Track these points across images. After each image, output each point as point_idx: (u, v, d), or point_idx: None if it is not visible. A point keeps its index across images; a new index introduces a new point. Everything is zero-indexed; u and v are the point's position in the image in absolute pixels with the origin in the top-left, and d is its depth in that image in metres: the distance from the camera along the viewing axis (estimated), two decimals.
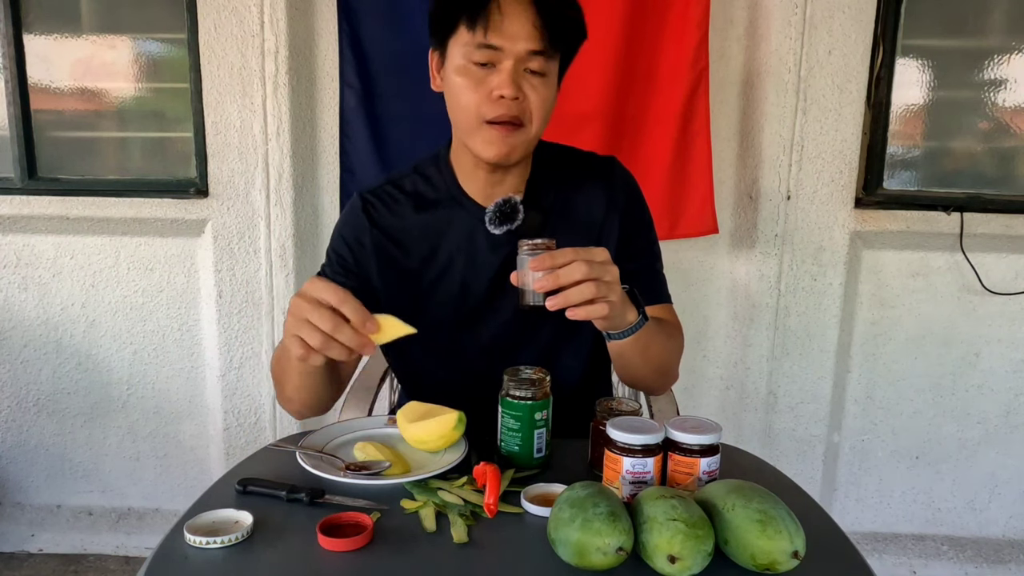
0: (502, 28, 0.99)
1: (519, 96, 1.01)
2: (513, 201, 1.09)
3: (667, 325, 1.14)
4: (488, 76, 1.01)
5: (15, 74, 2.13)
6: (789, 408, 2.22)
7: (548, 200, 1.15)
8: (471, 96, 1.02)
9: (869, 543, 2.27)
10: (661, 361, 1.09)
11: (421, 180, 1.17)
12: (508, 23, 0.99)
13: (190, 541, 0.78)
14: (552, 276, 0.86)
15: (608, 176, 1.18)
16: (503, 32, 0.99)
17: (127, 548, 2.31)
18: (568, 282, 0.85)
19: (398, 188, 1.17)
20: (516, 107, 1.01)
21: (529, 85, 1.02)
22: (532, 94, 1.02)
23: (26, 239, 2.21)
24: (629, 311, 0.95)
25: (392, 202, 1.16)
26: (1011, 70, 2.06)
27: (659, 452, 0.86)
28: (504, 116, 1.01)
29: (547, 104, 1.05)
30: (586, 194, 1.16)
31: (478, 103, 1.02)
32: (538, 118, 1.04)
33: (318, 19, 2.08)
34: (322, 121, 2.14)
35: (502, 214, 1.09)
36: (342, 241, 1.17)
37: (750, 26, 2.07)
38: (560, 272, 0.85)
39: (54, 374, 2.30)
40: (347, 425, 1.10)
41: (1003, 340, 2.17)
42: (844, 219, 2.10)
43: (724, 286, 2.19)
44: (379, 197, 1.17)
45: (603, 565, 0.72)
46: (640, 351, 1.02)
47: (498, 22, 0.99)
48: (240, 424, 2.28)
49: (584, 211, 1.16)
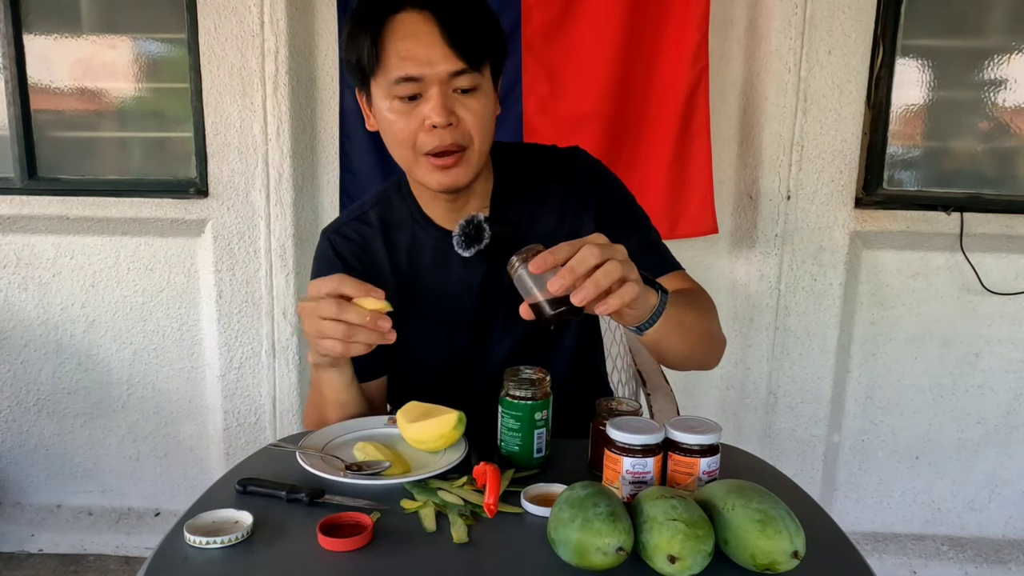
0: (414, 58, 0.94)
1: (452, 121, 0.97)
2: (477, 220, 1.06)
3: (690, 292, 1.08)
4: (417, 107, 0.97)
5: (15, 74, 2.13)
6: (789, 408, 2.22)
7: (514, 213, 1.12)
8: (404, 130, 0.99)
9: (869, 543, 2.27)
10: (701, 330, 1.02)
11: (385, 209, 1.15)
12: (418, 51, 0.94)
13: (190, 541, 0.78)
14: (566, 271, 0.78)
15: (571, 172, 1.14)
16: (417, 60, 0.94)
17: (127, 548, 2.31)
18: (585, 269, 0.77)
19: (363, 222, 1.15)
20: (452, 134, 0.97)
21: (462, 106, 0.98)
22: (467, 114, 0.98)
23: (26, 239, 2.21)
24: (649, 293, 0.88)
25: (359, 237, 1.14)
26: (1011, 70, 2.06)
27: (659, 452, 0.86)
28: (441, 147, 0.98)
29: (486, 118, 1.00)
30: (553, 199, 1.13)
31: (410, 137, 0.99)
32: (479, 136, 1.00)
33: (318, 19, 2.08)
34: (322, 121, 2.14)
35: (467, 236, 1.06)
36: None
37: (750, 26, 2.07)
38: (573, 263, 0.77)
39: (54, 374, 2.30)
40: (347, 425, 1.10)
41: (1003, 340, 2.17)
42: (844, 219, 2.10)
43: (724, 286, 2.19)
44: (345, 236, 1.14)
45: (603, 565, 0.72)
46: (675, 329, 0.93)
47: (408, 54, 0.94)
48: (240, 424, 2.28)
49: (554, 219, 1.13)
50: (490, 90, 1.02)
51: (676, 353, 1.01)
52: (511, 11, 1.97)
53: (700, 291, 1.12)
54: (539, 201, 1.13)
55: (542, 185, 1.14)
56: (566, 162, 1.15)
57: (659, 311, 0.89)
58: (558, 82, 2.00)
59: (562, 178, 1.14)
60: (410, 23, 0.95)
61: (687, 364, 1.07)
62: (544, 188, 1.13)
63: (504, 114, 2.01)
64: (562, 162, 1.16)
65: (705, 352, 1.07)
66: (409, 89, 0.96)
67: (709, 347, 1.07)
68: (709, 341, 1.06)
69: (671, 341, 0.96)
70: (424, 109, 0.97)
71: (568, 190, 1.13)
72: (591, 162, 1.17)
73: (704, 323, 1.04)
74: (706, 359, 1.09)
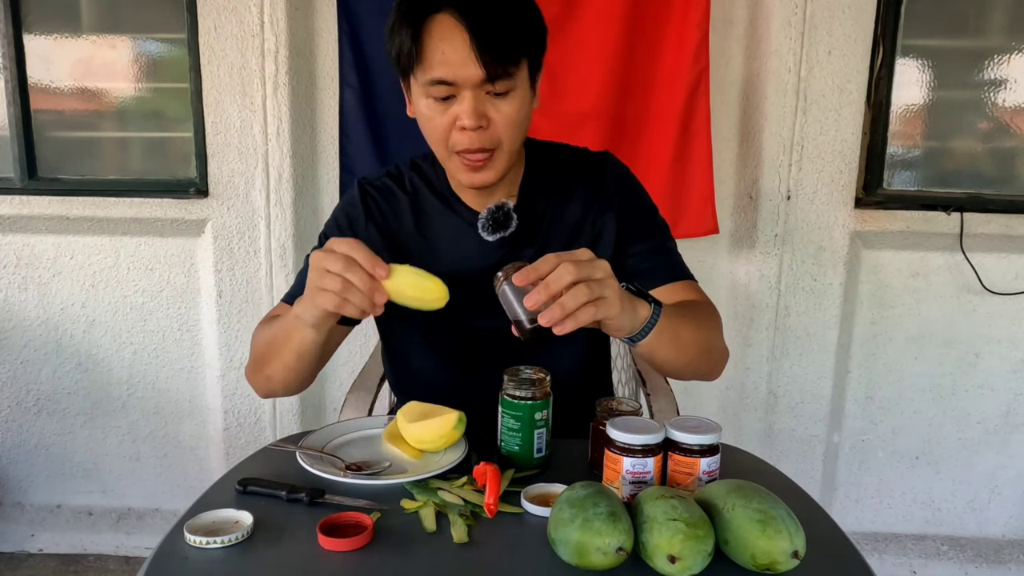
0: (447, 63, 0.95)
1: (483, 123, 0.99)
2: (506, 207, 1.08)
3: (693, 305, 1.08)
4: (451, 107, 0.99)
5: (15, 74, 2.13)
6: (789, 408, 2.22)
7: (541, 206, 1.14)
8: (437, 127, 1.01)
9: (869, 543, 2.27)
10: (700, 344, 1.02)
11: (418, 178, 1.17)
12: (452, 56, 0.95)
13: (190, 541, 0.78)
14: (541, 287, 0.81)
15: (600, 173, 1.17)
16: (450, 66, 0.96)
17: (127, 548, 2.31)
18: (559, 287, 0.80)
19: (397, 183, 1.18)
20: (481, 137, 0.99)
21: (494, 108, 0.99)
22: (498, 117, 1.00)
23: (26, 239, 2.21)
24: (639, 306, 0.90)
25: (391, 196, 1.17)
26: (1011, 70, 2.06)
27: (659, 452, 0.86)
28: (471, 148, 1.00)
29: (517, 120, 1.02)
30: (579, 196, 1.15)
31: (444, 133, 1.01)
32: (509, 137, 1.02)
33: (318, 19, 2.08)
34: (322, 121, 2.14)
35: (495, 221, 1.08)
36: (335, 227, 1.17)
37: (750, 26, 2.07)
38: (548, 280, 0.80)
39: (54, 374, 2.30)
40: (347, 425, 1.10)
41: (1003, 340, 2.17)
42: (844, 219, 2.10)
43: (724, 286, 2.19)
44: (378, 190, 1.18)
45: (603, 565, 0.72)
46: (671, 341, 0.95)
47: (442, 58, 0.95)
48: (240, 424, 2.28)
49: (578, 214, 1.15)
50: (525, 89, 1.03)
51: (671, 365, 1.02)
52: None
53: (706, 304, 1.13)
54: (566, 196, 1.15)
55: (570, 182, 1.16)
56: (596, 163, 1.18)
57: (651, 323, 0.90)
58: (558, 82, 2.00)
59: (590, 178, 1.16)
60: (447, 26, 0.95)
61: (684, 375, 1.08)
62: (572, 185, 1.16)
63: None
64: (592, 163, 1.19)
65: (703, 365, 1.07)
66: (443, 91, 0.98)
67: (707, 360, 1.07)
68: (707, 355, 1.06)
69: (666, 353, 0.97)
70: (457, 110, 0.99)
71: (594, 190, 1.15)
72: (619, 166, 1.20)
73: (703, 337, 1.04)
74: (705, 371, 1.09)
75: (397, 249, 1.15)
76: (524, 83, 1.02)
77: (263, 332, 1.09)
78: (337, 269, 0.86)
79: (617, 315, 0.85)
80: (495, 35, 0.95)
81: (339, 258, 0.86)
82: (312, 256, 0.90)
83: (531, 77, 1.04)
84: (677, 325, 0.96)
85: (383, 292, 0.87)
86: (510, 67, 0.97)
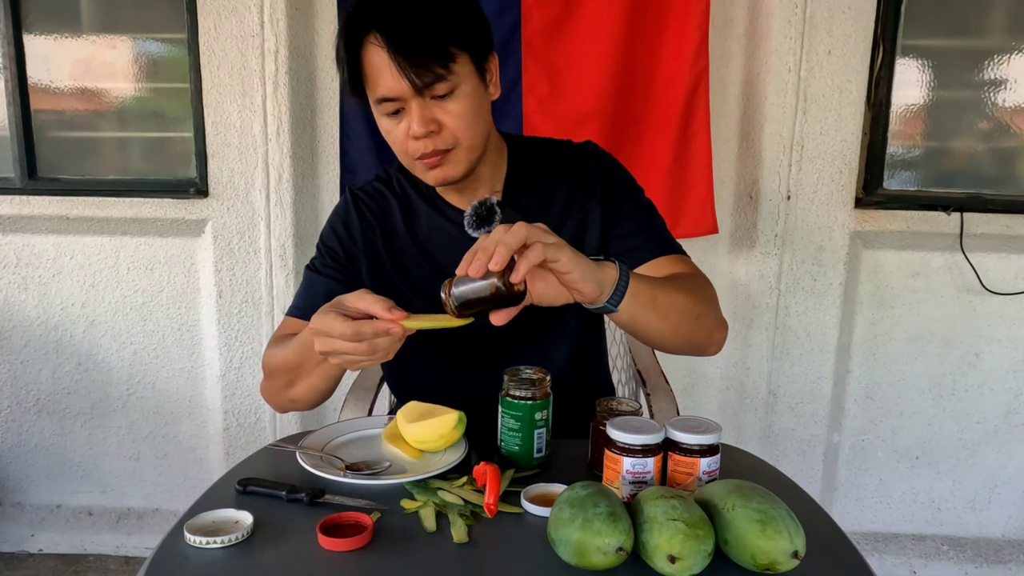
0: (379, 82, 0.98)
1: (433, 128, 1.01)
2: (490, 202, 1.09)
3: (682, 275, 1.07)
4: (402, 120, 1.02)
5: (15, 74, 2.13)
6: (789, 408, 2.22)
7: (524, 200, 1.16)
8: (396, 139, 1.04)
9: (869, 543, 2.27)
10: (683, 308, 0.98)
11: (406, 181, 1.19)
12: (385, 74, 0.98)
13: (190, 541, 0.78)
14: (477, 247, 0.79)
15: (581, 162, 1.18)
16: (384, 84, 0.98)
17: (127, 548, 2.31)
18: (493, 243, 0.78)
19: (387, 187, 1.20)
20: (436, 141, 1.02)
21: (442, 111, 1.01)
22: (447, 118, 1.01)
23: (26, 239, 2.21)
24: (605, 267, 0.87)
25: (382, 200, 1.19)
26: (1011, 70, 2.06)
27: (659, 452, 0.86)
28: (426, 153, 1.02)
29: (469, 116, 1.02)
30: (563, 187, 1.16)
31: (403, 144, 1.04)
32: (465, 134, 1.03)
33: (318, 19, 2.09)
34: (322, 121, 2.14)
35: (478, 216, 1.09)
36: (333, 235, 1.19)
37: (750, 26, 2.07)
38: (505, 237, 0.78)
39: (54, 374, 2.30)
40: (347, 425, 1.10)
41: (1003, 340, 2.17)
42: (844, 219, 2.10)
43: (724, 286, 2.19)
44: (369, 195, 1.20)
45: (603, 565, 0.72)
46: (648, 306, 0.92)
47: (376, 77, 0.99)
48: (240, 424, 2.28)
49: (562, 205, 1.16)
50: (471, 83, 1.02)
51: (658, 333, 0.98)
52: (511, 11, 1.97)
53: (696, 274, 1.10)
54: (550, 190, 1.17)
55: (553, 175, 1.17)
56: (577, 153, 1.19)
57: (622, 284, 0.87)
58: (558, 82, 2.00)
59: (573, 168, 1.17)
60: (375, 46, 0.98)
61: (675, 345, 1.03)
62: (555, 178, 1.17)
63: (504, 114, 2.01)
64: (573, 153, 1.20)
65: (693, 332, 1.02)
66: (391, 107, 1.01)
67: (696, 327, 1.02)
68: (695, 320, 1.01)
69: (647, 319, 0.93)
70: (407, 121, 1.01)
71: (577, 179, 1.17)
72: (600, 153, 1.21)
73: (689, 302, 0.99)
74: (699, 342, 1.05)
75: (392, 251, 1.16)
76: (469, 77, 1.02)
77: (279, 353, 1.09)
78: (347, 349, 0.87)
79: (573, 267, 0.81)
80: (414, 46, 0.96)
81: (346, 328, 0.86)
82: (315, 322, 0.89)
83: (478, 68, 1.03)
84: (657, 289, 0.94)
85: (396, 327, 0.88)
86: (439, 70, 0.97)
